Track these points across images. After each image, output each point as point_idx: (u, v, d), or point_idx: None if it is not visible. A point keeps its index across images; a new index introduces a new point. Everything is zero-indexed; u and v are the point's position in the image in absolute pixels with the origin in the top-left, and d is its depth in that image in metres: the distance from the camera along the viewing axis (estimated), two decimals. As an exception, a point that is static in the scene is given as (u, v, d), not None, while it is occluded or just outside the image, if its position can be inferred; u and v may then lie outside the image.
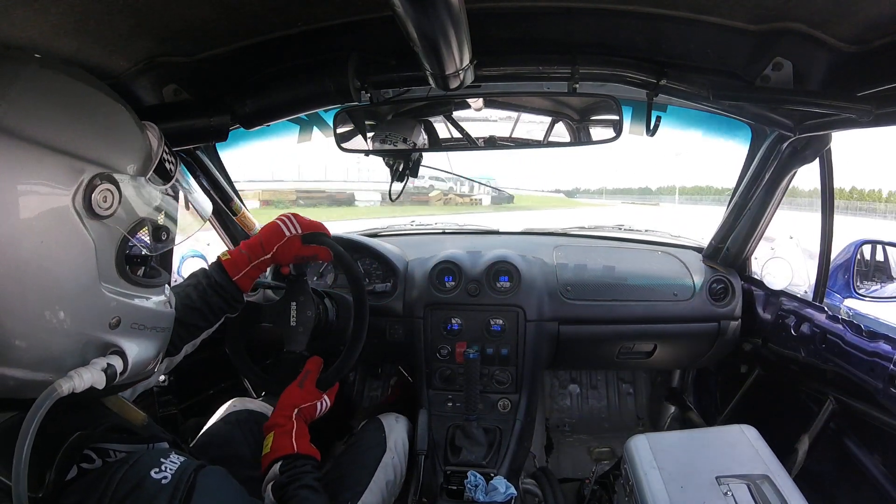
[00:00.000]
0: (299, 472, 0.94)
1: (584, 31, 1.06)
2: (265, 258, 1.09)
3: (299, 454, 0.98)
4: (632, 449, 1.18)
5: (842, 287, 1.84)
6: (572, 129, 1.35)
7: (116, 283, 0.62)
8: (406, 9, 0.62)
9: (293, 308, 1.23)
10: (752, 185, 1.48)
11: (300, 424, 1.03)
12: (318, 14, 0.95)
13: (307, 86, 1.07)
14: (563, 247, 1.82)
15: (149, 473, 0.57)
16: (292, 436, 1.00)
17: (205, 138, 1.13)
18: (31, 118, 0.52)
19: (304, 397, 1.08)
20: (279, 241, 1.10)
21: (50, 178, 0.53)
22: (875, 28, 0.85)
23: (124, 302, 0.63)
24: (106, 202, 0.57)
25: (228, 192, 1.64)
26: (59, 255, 0.54)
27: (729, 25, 0.95)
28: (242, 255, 1.08)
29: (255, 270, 1.09)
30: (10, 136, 0.50)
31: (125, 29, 0.85)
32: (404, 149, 1.30)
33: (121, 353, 0.63)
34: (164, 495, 0.56)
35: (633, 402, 2.32)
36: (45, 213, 0.52)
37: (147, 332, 0.67)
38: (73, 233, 0.55)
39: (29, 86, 0.53)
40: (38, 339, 0.55)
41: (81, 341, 0.59)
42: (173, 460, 0.61)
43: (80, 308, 0.58)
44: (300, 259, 1.15)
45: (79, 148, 0.55)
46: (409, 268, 1.70)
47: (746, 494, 1.03)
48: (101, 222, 0.57)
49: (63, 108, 0.56)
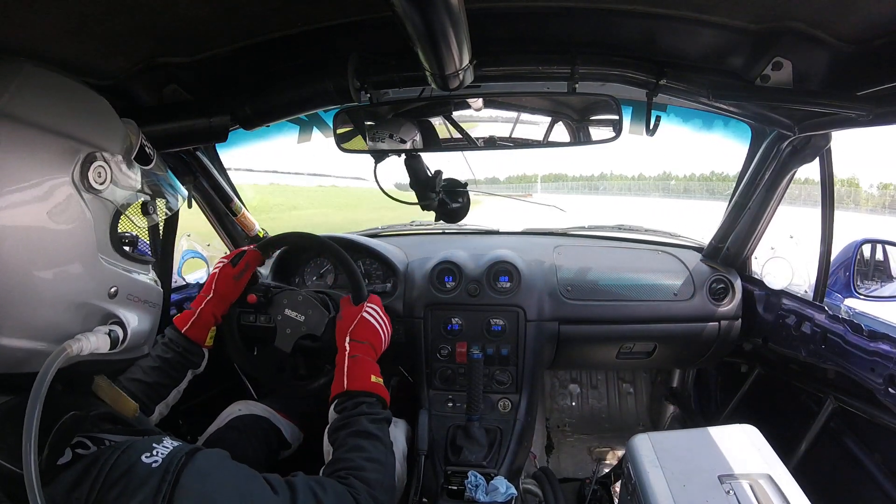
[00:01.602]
0: (350, 416, 0.93)
1: (584, 31, 1.06)
2: (208, 299, 1.18)
3: (349, 391, 0.97)
4: (634, 448, 1.18)
5: (842, 287, 1.84)
6: (572, 129, 1.35)
7: (112, 256, 0.67)
8: (405, 8, 0.62)
9: (283, 315, 1.27)
10: (752, 184, 1.48)
11: (358, 351, 1.04)
12: (317, 14, 0.95)
13: (307, 86, 1.07)
14: (563, 247, 1.82)
15: (140, 458, 0.58)
16: (344, 371, 1.01)
17: (205, 139, 1.13)
18: (32, 106, 0.58)
19: (343, 322, 1.10)
20: (214, 278, 1.22)
21: (52, 157, 0.59)
22: (875, 27, 0.85)
23: (120, 273, 0.68)
24: (100, 178, 0.63)
25: (228, 192, 1.65)
26: (62, 225, 0.60)
27: (728, 25, 0.95)
28: (189, 310, 1.17)
29: (204, 317, 1.16)
30: (16, 122, 0.56)
31: (125, 30, 0.85)
32: (404, 149, 1.30)
33: (120, 322, 0.67)
34: (153, 479, 0.56)
35: (633, 402, 2.32)
36: (49, 188, 0.58)
37: (141, 305, 0.72)
38: (73, 205, 0.61)
39: (27, 81, 0.60)
40: (44, 307, 0.59)
41: (84, 310, 0.63)
42: (166, 445, 0.61)
43: (82, 276, 0.63)
44: (240, 279, 1.23)
45: (74, 131, 0.62)
46: (410, 268, 1.70)
47: (749, 493, 1.03)
48: (97, 196, 0.64)
49: (58, 99, 0.62)
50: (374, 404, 0.98)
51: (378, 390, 1.00)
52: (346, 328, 1.09)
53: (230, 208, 1.66)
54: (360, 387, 0.99)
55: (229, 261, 1.26)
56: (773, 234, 1.62)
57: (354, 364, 1.03)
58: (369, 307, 1.15)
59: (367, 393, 0.99)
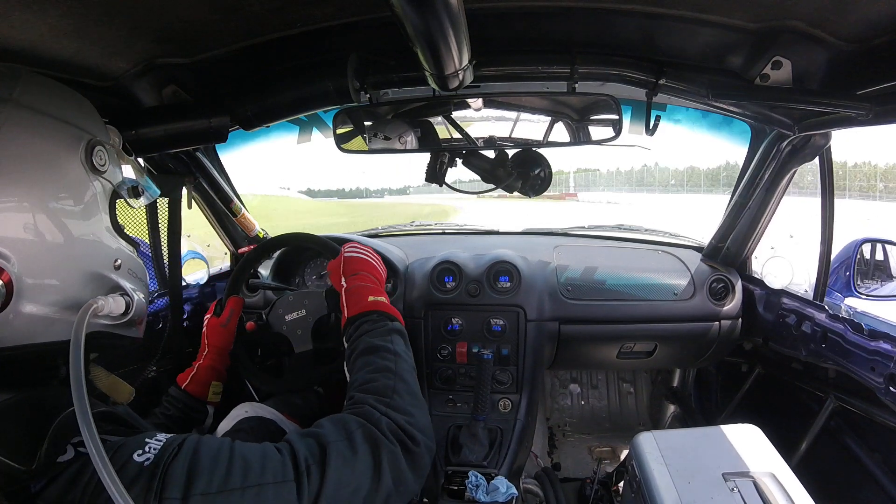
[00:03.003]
0: (356, 340, 0.93)
1: (583, 31, 1.06)
2: (205, 353, 1.22)
3: (349, 318, 0.98)
4: (638, 445, 1.18)
5: (842, 286, 1.84)
6: (572, 129, 1.35)
7: (111, 233, 0.72)
8: (405, 9, 0.62)
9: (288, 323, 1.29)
10: (752, 184, 1.48)
11: (353, 282, 1.05)
12: (317, 15, 0.95)
13: (307, 87, 1.07)
14: (563, 247, 1.82)
15: (131, 457, 0.57)
16: (343, 305, 1.01)
17: (205, 139, 1.14)
18: (40, 97, 0.65)
19: (333, 274, 1.12)
20: (204, 335, 1.24)
21: (64, 140, 0.65)
22: (874, 26, 0.85)
23: (121, 248, 0.73)
24: (102, 160, 0.69)
25: (228, 193, 1.64)
26: (78, 198, 0.66)
27: (728, 24, 0.95)
28: (191, 367, 1.20)
29: (202, 373, 1.19)
30: (31, 111, 0.62)
31: (124, 30, 0.85)
32: (403, 149, 1.30)
33: (127, 293, 0.72)
34: (143, 477, 0.55)
35: (633, 402, 2.32)
36: (65, 167, 0.65)
37: (137, 282, 0.76)
38: (84, 182, 0.67)
39: (30, 79, 0.65)
40: (64, 274, 0.64)
41: (96, 280, 0.68)
42: (158, 439, 0.60)
43: (96, 246, 0.68)
44: (228, 326, 1.25)
45: (77, 121, 0.68)
46: (410, 268, 1.70)
47: (753, 491, 1.03)
48: (100, 177, 0.69)
49: (58, 95, 0.69)
50: (375, 321, 0.96)
51: (378, 306, 0.98)
52: (338, 275, 1.09)
53: (230, 209, 1.66)
54: (358, 310, 0.98)
55: (212, 313, 1.28)
56: (774, 234, 1.62)
57: (350, 294, 1.03)
58: (348, 248, 1.15)
59: (366, 313, 0.97)
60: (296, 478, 0.62)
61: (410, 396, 0.82)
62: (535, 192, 1.32)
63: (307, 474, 0.63)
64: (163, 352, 1.24)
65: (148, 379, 1.36)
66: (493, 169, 1.30)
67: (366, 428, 0.72)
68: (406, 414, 0.77)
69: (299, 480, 0.62)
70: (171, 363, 1.44)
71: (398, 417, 0.75)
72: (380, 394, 0.79)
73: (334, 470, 0.65)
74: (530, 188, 1.31)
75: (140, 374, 1.28)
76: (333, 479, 0.64)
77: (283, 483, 0.61)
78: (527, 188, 1.32)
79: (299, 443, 0.67)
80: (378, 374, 0.83)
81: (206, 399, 1.18)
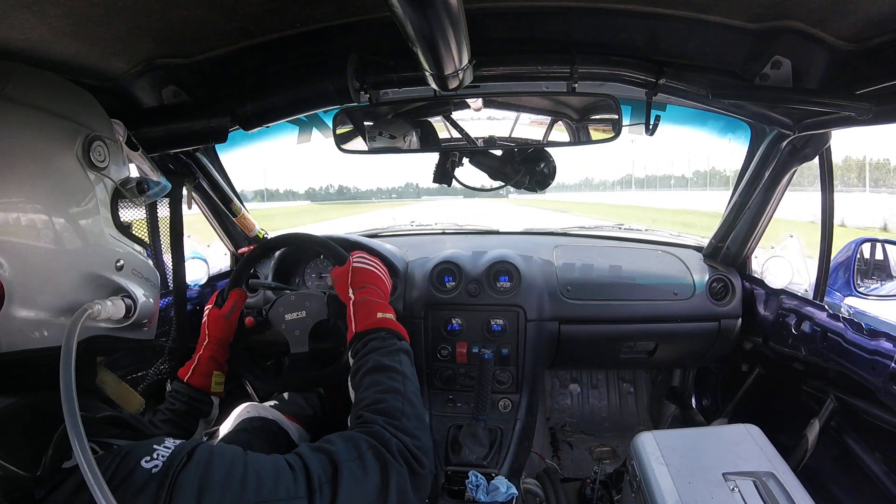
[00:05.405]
0: (363, 357, 0.92)
1: (583, 31, 1.06)
2: (205, 344, 1.19)
3: (357, 333, 0.97)
4: (639, 445, 1.19)
5: (842, 285, 1.84)
6: (571, 129, 1.35)
7: (114, 232, 0.71)
8: (404, 9, 0.62)
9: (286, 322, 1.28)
10: (752, 183, 1.48)
11: (361, 295, 1.04)
12: (316, 15, 0.95)
13: (306, 87, 1.07)
14: (564, 246, 1.82)
15: (139, 463, 0.55)
16: (351, 318, 1.00)
17: (204, 140, 1.13)
18: (34, 92, 0.64)
19: (339, 282, 1.10)
20: (205, 325, 1.22)
21: (58, 136, 0.64)
22: (874, 26, 0.85)
23: (124, 248, 0.71)
24: (100, 156, 0.67)
25: (228, 193, 1.64)
26: (72, 197, 0.64)
27: (728, 24, 0.95)
28: (191, 359, 1.18)
29: (203, 364, 1.17)
30: (21, 105, 0.61)
31: (124, 31, 0.85)
32: (402, 149, 1.30)
33: (130, 295, 0.70)
34: (152, 485, 0.54)
35: (633, 402, 2.32)
36: (58, 163, 0.63)
37: (144, 282, 0.75)
38: (80, 180, 0.65)
39: (27, 72, 0.65)
40: (58, 277, 0.62)
41: (95, 282, 0.66)
42: (167, 446, 0.59)
43: (93, 247, 0.66)
44: (231, 317, 1.23)
45: (74, 114, 0.67)
46: (410, 268, 1.70)
47: (753, 491, 1.03)
48: (99, 174, 0.67)
49: (54, 89, 0.68)
50: (384, 338, 0.95)
51: (386, 324, 0.98)
52: (345, 284, 1.08)
53: (230, 209, 1.66)
54: (367, 326, 0.97)
55: (214, 304, 1.26)
56: (774, 233, 1.62)
57: (358, 308, 1.02)
58: (356, 257, 1.14)
59: (374, 329, 0.97)
60: (308, 495, 0.62)
61: (417, 420, 0.82)
62: (541, 186, 1.34)
63: (319, 493, 0.63)
64: (169, 353, 1.24)
65: (154, 381, 1.35)
66: (502, 166, 1.31)
67: (377, 449, 0.72)
68: (413, 437, 0.78)
69: (312, 499, 0.62)
70: (178, 364, 1.44)
71: (406, 440, 0.76)
72: (389, 415, 0.80)
73: (345, 489, 0.65)
74: (537, 183, 1.34)
75: (148, 379, 1.28)
76: (344, 498, 0.64)
77: (295, 500, 0.61)
78: (533, 183, 1.34)
79: (312, 459, 0.67)
80: (387, 395, 0.84)
81: (210, 390, 1.16)
